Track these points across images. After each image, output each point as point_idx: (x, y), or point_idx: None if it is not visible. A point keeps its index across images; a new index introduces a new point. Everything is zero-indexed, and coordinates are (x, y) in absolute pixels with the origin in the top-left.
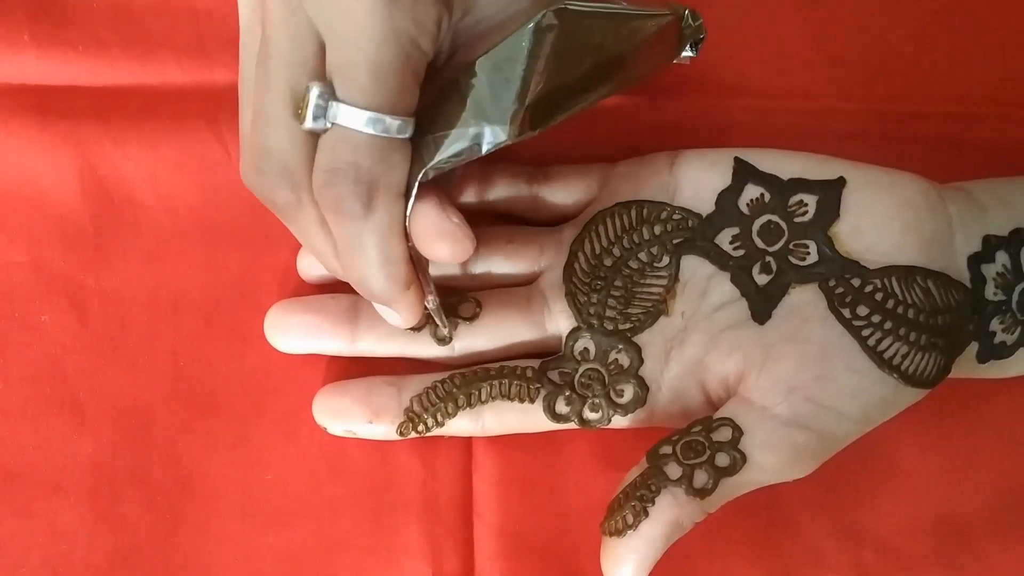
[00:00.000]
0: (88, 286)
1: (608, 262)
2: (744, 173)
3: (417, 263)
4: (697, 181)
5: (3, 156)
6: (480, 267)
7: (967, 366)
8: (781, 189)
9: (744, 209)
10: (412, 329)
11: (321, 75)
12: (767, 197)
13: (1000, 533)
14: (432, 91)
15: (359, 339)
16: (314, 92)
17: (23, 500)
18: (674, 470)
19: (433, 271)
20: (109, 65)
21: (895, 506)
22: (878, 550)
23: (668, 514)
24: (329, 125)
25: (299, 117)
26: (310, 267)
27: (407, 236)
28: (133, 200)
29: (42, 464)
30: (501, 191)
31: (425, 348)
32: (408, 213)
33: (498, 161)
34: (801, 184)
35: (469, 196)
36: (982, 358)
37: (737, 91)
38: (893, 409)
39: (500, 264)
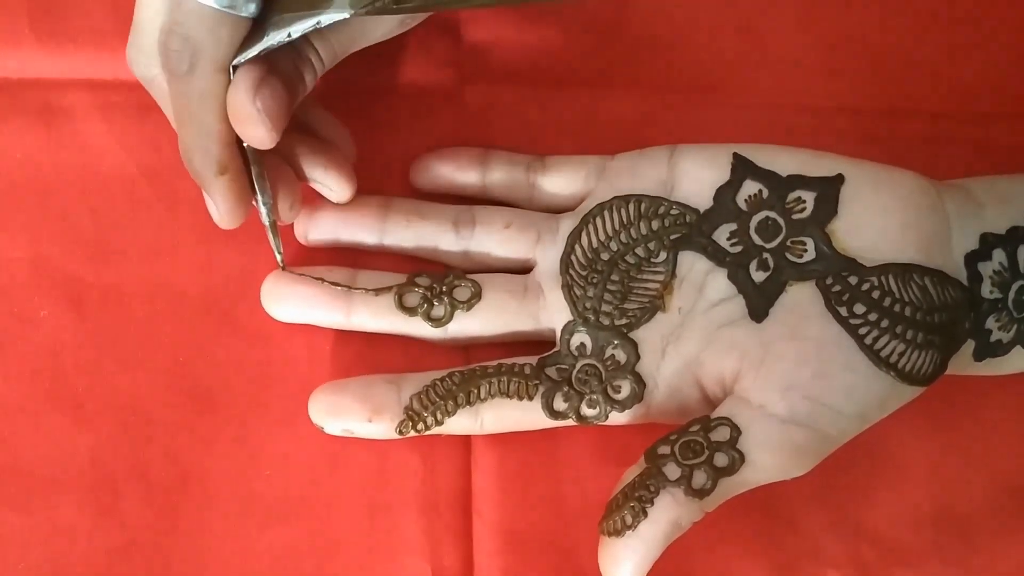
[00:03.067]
0: (87, 282)
1: (605, 256)
2: (742, 169)
3: (254, 162)
4: (695, 176)
5: (3, 151)
6: (475, 247)
7: (963, 364)
8: (779, 185)
9: (742, 205)
10: (404, 311)
11: None
12: (765, 193)
13: (998, 526)
14: None
15: (353, 312)
16: None
17: (22, 496)
18: (673, 470)
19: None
20: (110, 59)
21: (894, 500)
22: (877, 544)
23: (667, 515)
24: None
25: None
26: (307, 231)
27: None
28: (133, 196)
29: (41, 460)
30: (499, 178)
31: (417, 328)
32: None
33: (496, 147)
34: (799, 181)
35: (466, 180)
36: (978, 356)
37: (734, 89)
38: (890, 406)
39: (495, 247)
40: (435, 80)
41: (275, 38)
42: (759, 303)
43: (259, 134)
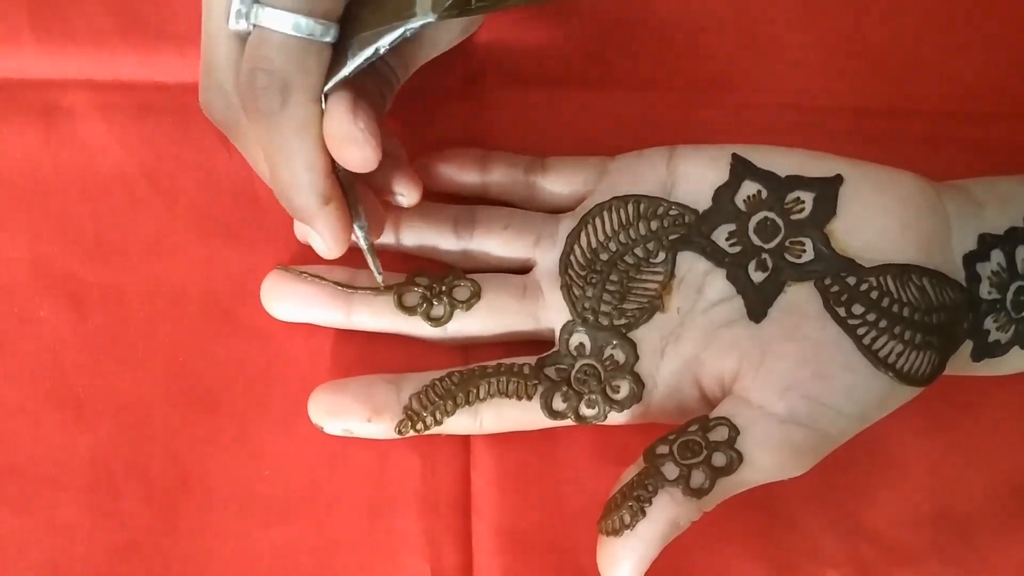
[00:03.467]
0: (87, 281)
1: (604, 256)
2: (741, 169)
3: (348, 189)
4: (694, 176)
5: (3, 151)
6: (475, 247)
7: (962, 364)
8: (778, 186)
9: (741, 206)
10: (404, 310)
11: None
12: (764, 194)
13: (998, 526)
14: None
15: (353, 312)
16: None
17: (22, 496)
18: (671, 470)
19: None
20: (110, 59)
21: (893, 500)
22: (876, 544)
23: (665, 514)
24: (252, 27)
25: (227, 20)
26: (307, 230)
27: (335, 163)
28: (132, 195)
29: (41, 459)
30: (498, 178)
31: (417, 327)
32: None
33: (496, 149)
34: (798, 181)
35: (466, 180)
36: (976, 356)
37: (732, 89)
38: (888, 407)
39: (495, 247)
40: (437, 81)
41: (362, 56)
42: (758, 303)
43: (365, 155)
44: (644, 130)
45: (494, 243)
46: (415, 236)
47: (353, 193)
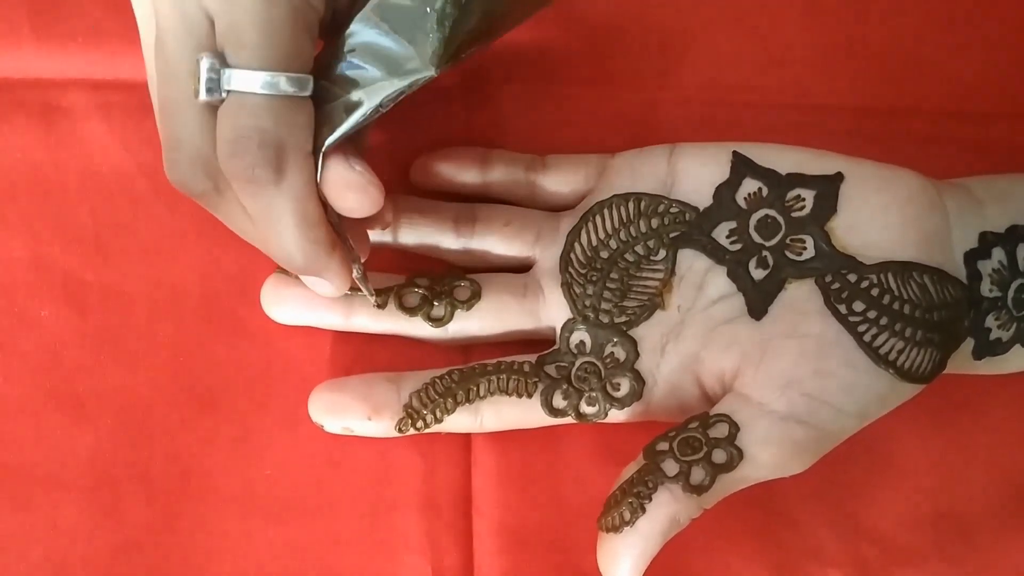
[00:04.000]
0: (88, 281)
1: (605, 254)
2: (742, 167)
3: (338, 228)
4: (695, 174)
5: (3, 151)
6: (476, 245)
7: (963, 363)
8: (779, 184)
9: (741, 203)
10: (404, 311)
11: (214, 49)
12: (765, 191)
13: (999, 526)
14: (335, 47)
15: (354, 314)
16: (204, 64)
17: (23, 495)
18: (671, 467)
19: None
20: (110, 59)
21: (894, 500)
22: (877, 544)
23: (665, 511)
24: (225, 95)
25: (196, 94)
26: None
27: (323, 200)
28: (133, 195)
29: (42, 459)
30: (499, 177)
31: (418, 328)
32: (319, 174)
33: (496, 148)
34: (799, 179)
35: (467, 179)
36: (978, 354)
37: (732, 87)
38: (889, 404)
39: (495, 245)
40: (437, 80)
41: (364, 112)
42: (758, 301)
43: (370, 196)
44: (643, 129)
45: (495, 241)
46: (416, 234)
47: (342, 229)
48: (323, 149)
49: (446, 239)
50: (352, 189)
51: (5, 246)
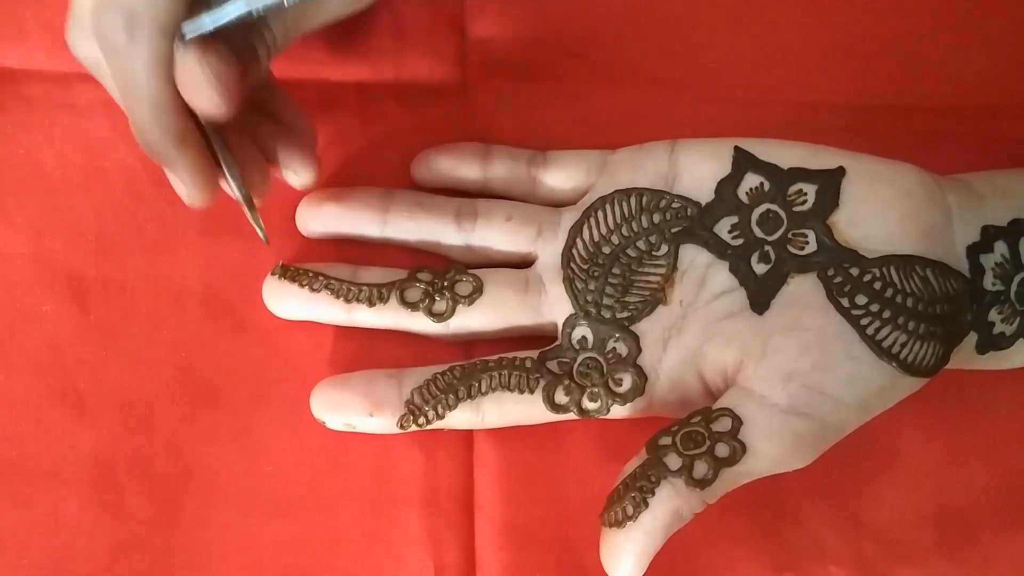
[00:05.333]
0: (89, 277)
1: (606, 250)
2: (744, 162)
3: (214, 136)
4: (697, 169)
5: (6, 146)
6: (477, 240)
7: (967, 357)
8: (781, 178)
9: (743, 198)
10: (406, 306)
11: None
12: (766, 186)
13: (1001, 523)
14: None
15: (354, 309)
16: None
17: (24, 491)
18: (674, 461)
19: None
20: None
21: (896, 496)
22: (879, 540)
23: (668, 505)
24: None
25: None
26: (307, 221)
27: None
28: (135, 191)
29: (43, 455)
30: (499, 172)
31: (419, 323)
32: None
33: (497, 143)
34: (801, 173)
35: (468, 174)
36: (981, 349)
37: (733, 84)
38: (891, 398)
39: (497, 240)
40: (438, 76)
41: (232, 12)
42: (760, 295)
43: (212, 99)
44: (642, 125)
45: (496, 235)
46: (417, 229)
47: (220, 141)
48: (180, 32)
49: (447, 234)
50: (194, 83)
51: (7, 241)
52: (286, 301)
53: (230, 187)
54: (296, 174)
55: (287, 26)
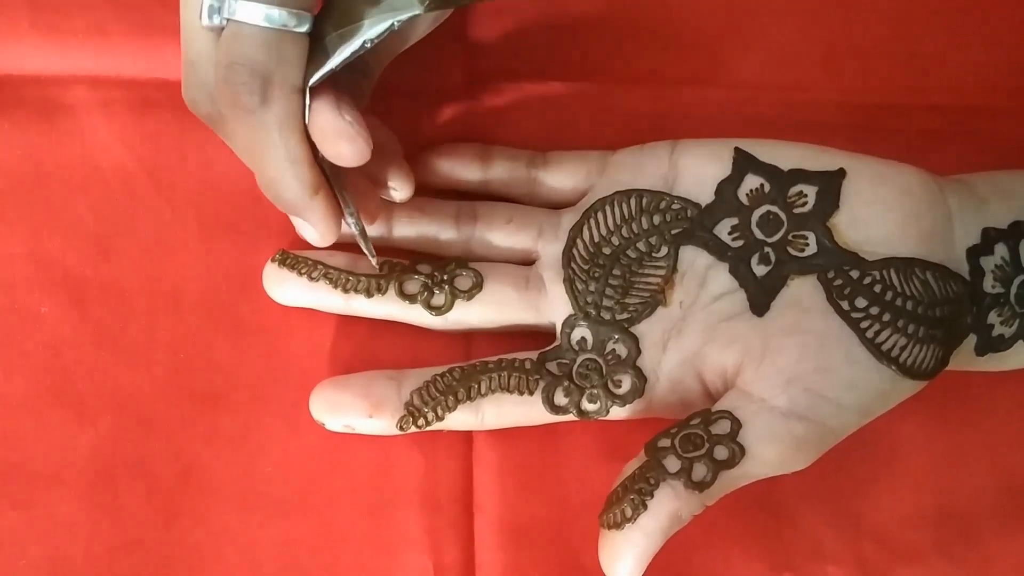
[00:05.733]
0: (88, 278)
1: (607, 251)
2: (744, 163)
3: (333, 177)
4: (697, 170)
5: (3, 147)
6: (477, 243)
7: (966, 359)
8: (781, 180)
9: (743, 199)
10: (405, 298)
11: None
12: (767, 187)
13: (1000, 524)
14: None
15: (353, 297)
16: None
17: (23, 492)
18: (673, 463)
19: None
20: (111, 55)
21: (895, 497)
22: (878, 541)
23: (667, 507)
24: (225, 22)
25: (200, 18)
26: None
27: (316, 152)
28: (133, 191)
29: (42, 456)
30: (500, 173)
31: (417, 315)
32: (307, 112)
33: (497, 143)
34: (801, 175)
35: (467, 175)
36: (980, 351)
37: (735, 84)
38: (891, 401)
39: (498, 239)
40: (440, 77)
41: (348, 49)
42: (760, 297)
43: (358, 148)
44: (645, 125)
45: (496, 238)
46: (417, 232)
47: (339, 180)
48: (310, 85)
49: (447, 236)
50: (337, 135)
51: (5, 242)
52: (285, 286)
53: (346, 222)
54: (396, 190)
55: (379, 55)
